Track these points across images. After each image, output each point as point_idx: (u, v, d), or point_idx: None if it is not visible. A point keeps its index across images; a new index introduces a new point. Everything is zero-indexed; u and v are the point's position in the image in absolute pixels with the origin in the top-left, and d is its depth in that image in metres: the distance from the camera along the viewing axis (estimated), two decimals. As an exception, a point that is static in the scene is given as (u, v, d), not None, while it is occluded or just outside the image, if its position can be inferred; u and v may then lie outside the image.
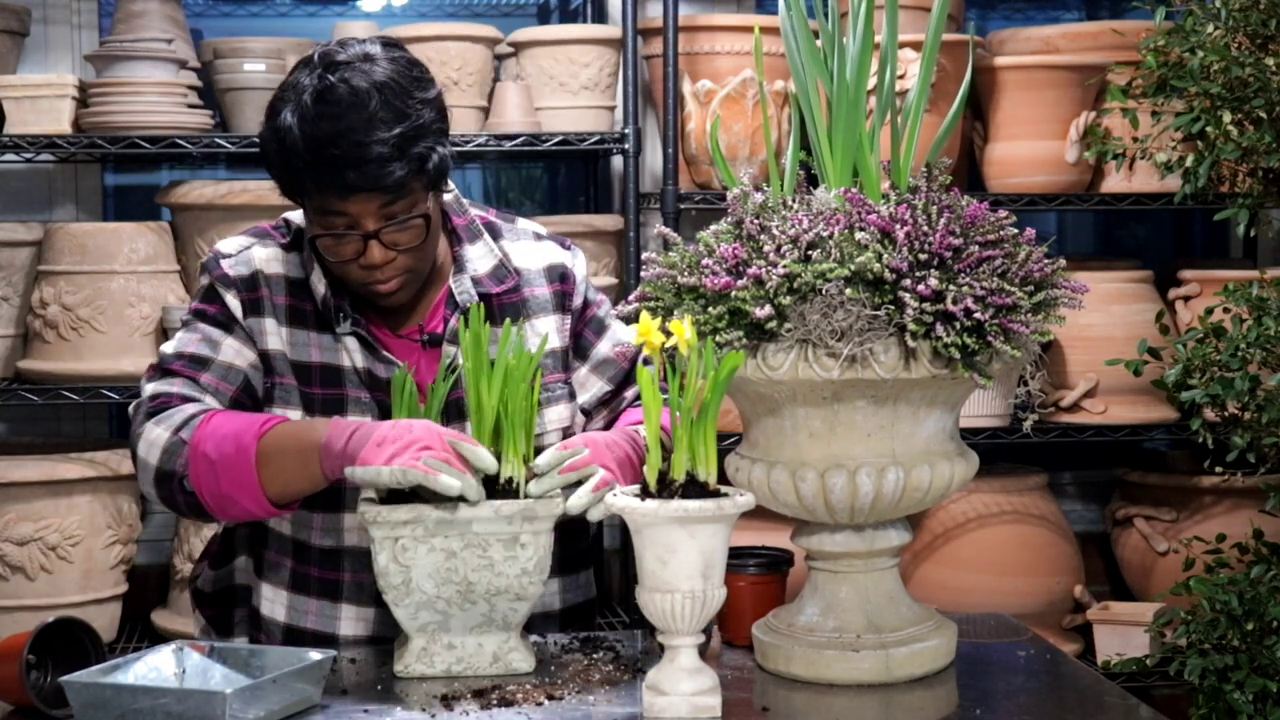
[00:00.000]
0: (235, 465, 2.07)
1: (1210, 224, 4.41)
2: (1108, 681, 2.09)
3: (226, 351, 2.22)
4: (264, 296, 2.24)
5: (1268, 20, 3.01)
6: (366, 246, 2.13)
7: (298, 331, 2.24)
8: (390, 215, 2.12)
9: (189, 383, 2.19)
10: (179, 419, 2.13)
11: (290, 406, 2.23)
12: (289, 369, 2.23)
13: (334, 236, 2.14)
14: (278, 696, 1.85)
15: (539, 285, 2.33)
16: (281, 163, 2.12)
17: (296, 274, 2.26)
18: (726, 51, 3.64)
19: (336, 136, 2.06)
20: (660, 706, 1.87)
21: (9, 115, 3.52)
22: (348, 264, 2.16)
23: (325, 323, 2.24)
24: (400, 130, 2.08)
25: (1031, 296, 1.92)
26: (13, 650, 1.92)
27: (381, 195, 2.10)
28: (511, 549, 2.00)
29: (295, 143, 2.08)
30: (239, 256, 2.27)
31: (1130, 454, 4.05)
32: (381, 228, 2.12)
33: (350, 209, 2.11)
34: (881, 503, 1.97)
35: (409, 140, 2.09)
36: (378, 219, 2.12)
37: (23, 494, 3.50)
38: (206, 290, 2.26)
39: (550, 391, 2.30)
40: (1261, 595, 2.97)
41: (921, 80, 2.05)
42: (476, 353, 2.03)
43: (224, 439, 2.08)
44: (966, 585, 3.57)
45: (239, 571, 2.38)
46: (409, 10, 4.30)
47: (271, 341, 2.24)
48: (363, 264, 2.14)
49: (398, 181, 2.08)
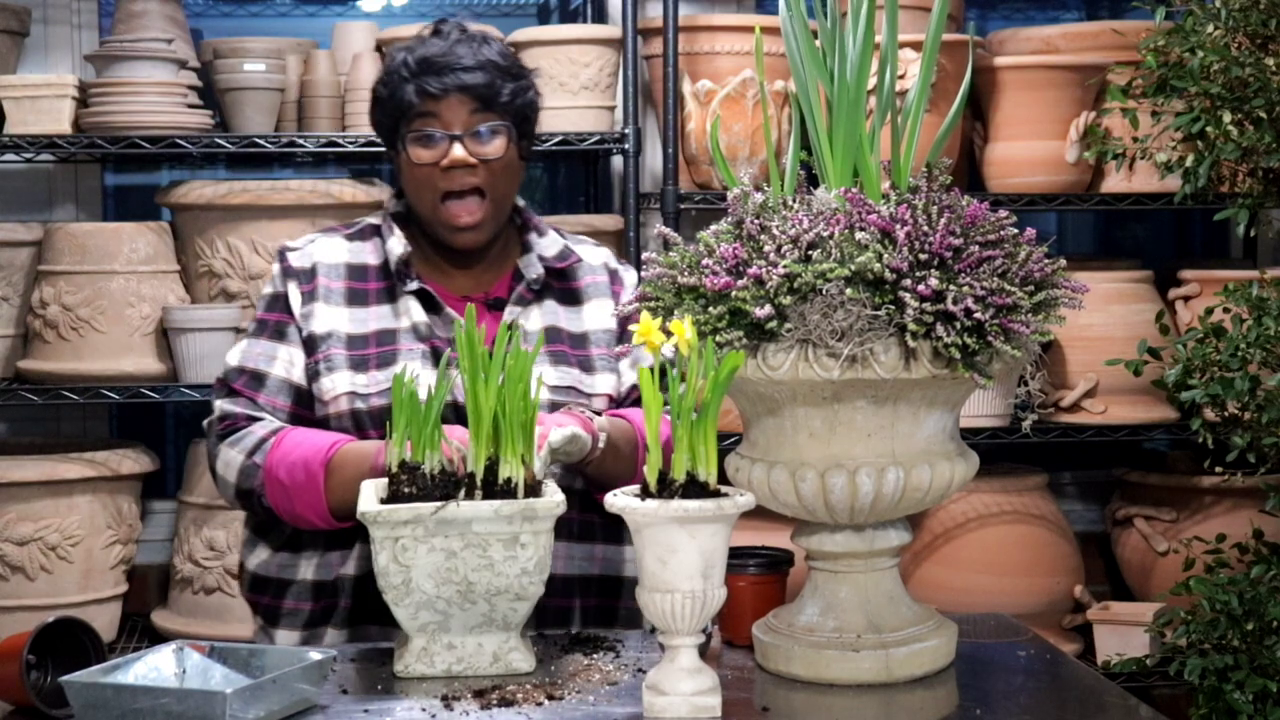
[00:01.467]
0: (306, 489, 2.26)
1: (1210, 224, 4.41)
2: (1108, 681, 2.09)
3: (280, 366, 2.39)
4: (321, 284, 2.42)
5: (1268, 20, 3.01)
6: (451, 147, 2.34)
7: (358, 310, 2.41)
8: (477, 124, 2.35)
9: (249, 403, 2.37)
10: (251, 442, 2.32)
11: (335, 370, 2.36)
12: (340, 342, 2.38)
13: (424, 138, 2.35)
14: (278, 696, 1.85)
15: (599, 275, 2.52)
16: (388, 89, 2.38)
17: (357, 260, 2.44)
18: (726, 51, 3.64)
19: (444, 51, 2.36)
20: (660, 706, 1.87)
21: (9, 115, 3.52)
22: (432, 170, 2.35)
23: (388, 295, 2.41)
24: (500, 60, 2.38)
25: (1031, 296, 1.92)
26: (13, 650, 1.92)
27: (471, 100, 2.35)
28: (511, 549, 2.00)
29: (403, 60, 2.37)
30: (302, 250, 2.46)
31: (1130, 454, 4.05)
32: (467, 132, 2.35)
33: (442, 111, 2.35)
34: (881, 503, 1.97)
35: (505, 71, 2.38)
36: (465, 123, 2.35)
37: (23, 494, 3.50)
38: (272, 285, 2.46)
39: (604, 361, 2.45)
40: (1261, 595, 2.97)
41: (921, 80, 2.05)
42: (472, 352, 2.03)
43: (295, 467, 2.27)
44: (966, 585, 3.57)
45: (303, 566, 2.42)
46: (409, 10, 4.30)
47: (321, 324, 2.39)
48: (445, 165, 2.35)
49: (488, 87, 2.34)
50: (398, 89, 2.36)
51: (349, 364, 2.37)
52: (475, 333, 2.04)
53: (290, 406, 2.38)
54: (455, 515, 1.98)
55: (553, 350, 2.41)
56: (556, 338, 2.43)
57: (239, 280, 3.59)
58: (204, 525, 3.61)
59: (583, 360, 2.43)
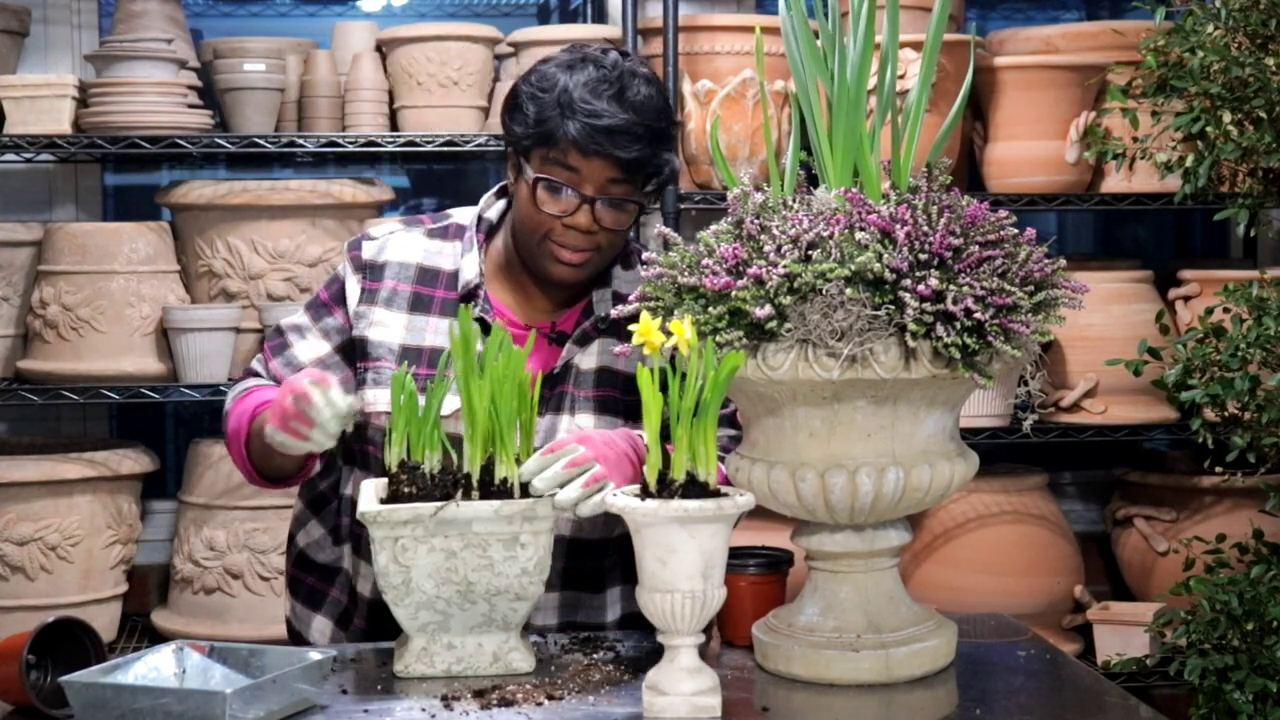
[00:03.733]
0: (236, 442, 2.28)
1: (1210, 224, 4.41)
2: (1108, 681, 2.09)
3: (306, 346, 2.37)
4: (385, 286, 2.36)
5: (1268, 20, 3.01)
6: (578, 209, 2.24)
7: (417, 317, 2.34)
8: (611, 192, 2.25)
9: (261, 361, 2.40)
10: (237, 390, 2.36)
11: (380, 386, 2.31)
12: (391, 354, 2.33)
13: (554, 188, 2.24)
14: (278, 696, 1.85)
15: None
16: (539, 110, 2.24)
17: (431, 264, 2.37)
18: (726, 51, 3.64)
19: (608, 102, 2.22)
20: (660, 706, 1.87)
21: (9, 115, 3.52)
22: (549, 218, 2.25)
23: (449, 310, 2.33)
24: (657, 125, 2.25)
25: (1031, 296, 1.92)
26: (13, 650, 1.92)
27: (616, 169, 2.23)
28: (511, 549, 2.00)
29: (568, 94, 2.22)
30: (379, 242, 2.39)
31: (1130, 454, 4.05)
32: (600, 197, 2.24)
33: (584, 169, 2.23)
34: (881, 503, 1.96)
35: (659, 138, 2.25)
36: (600, 189, 2.24)
37: (23, 494, 3.50)
38: (339, 270, 2.40)
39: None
40: (1261, 595, 2.97)
41: (922, 80, 2.05)
42: (466, 355, 2.02)
43: (236, 416, 2.29)
44: (966, 585, 3.57)
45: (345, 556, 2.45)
46: (409, 10, 4.30)
47: (376, 331, 2.34)
48: (566, 223, 2.25)
49: (636, 162, 2.23)
50: (548, 120, 2.23)
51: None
52: (470, 334, 2.03)
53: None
54: (455, 515, 1.98)
55: (601, 396, 2.31)
56: (610, 381, 2.32)
57: (239, 280, 3.59)
58: (204, 525, 3.61)
59: (633, 407, 2.28)
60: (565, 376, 2.31)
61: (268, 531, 3.56)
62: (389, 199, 3.75)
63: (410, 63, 3.65)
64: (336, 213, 3.60)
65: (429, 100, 3.65)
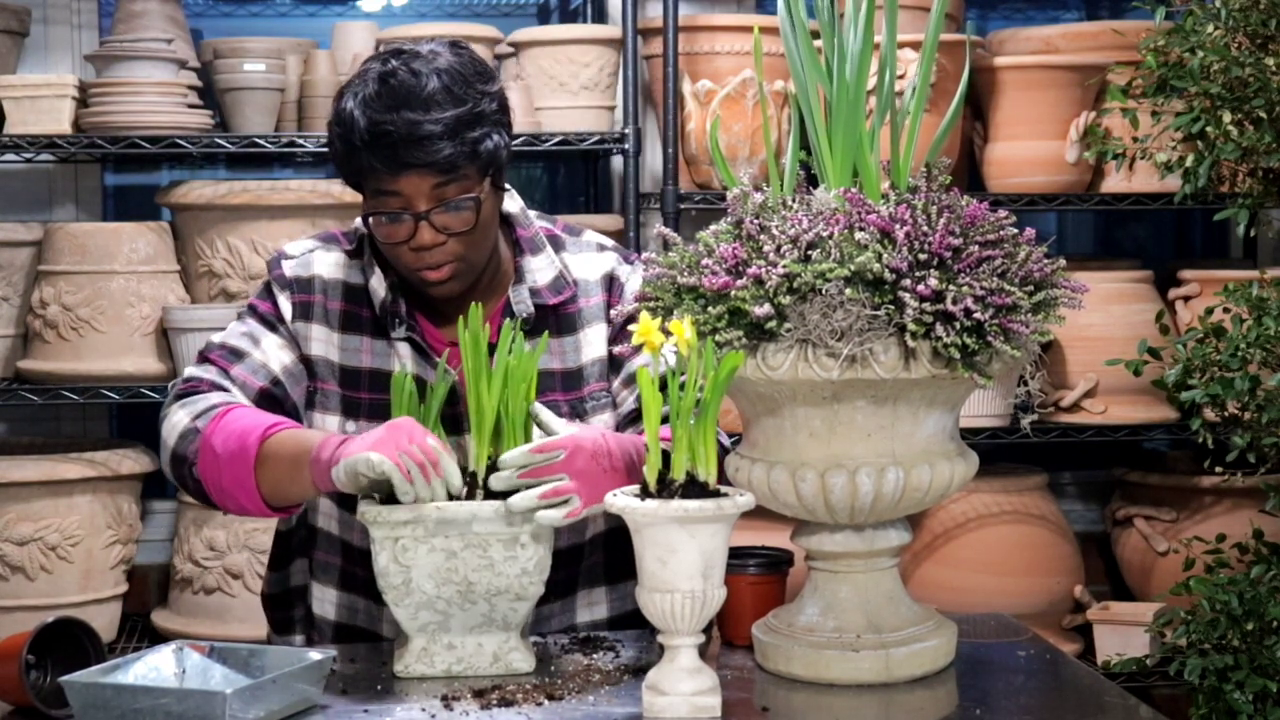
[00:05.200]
0: (237, 464, 2.11)
1: (1210, 224, 4.41)
2: (1108, 681, 2.09)
3: (265, 349, 2.27)
4: (316, 302, 2.29)
5: (1268, 20, 3.01)
6: (418, 228, 2.16)
7: (350, 337, 2.28)
8: (442, 198, 2.16)
9: (221, 372, 2.24)
10: (201, 406, 2.18)
11: (329, 412, 2.27)
12: (333, 374, 2.27)
13: (387, 216, 2.17)
14: (278, 696, 1.85)
15: (594, 294, 2.34)
16: (344, 146, 2.17)
17: (356, 280, 2.30)
18: (726, 51, 3.64)
19: (393, 114, 2.12)
20: (660, 706, 1.87)
21: (9, 115, 3.52)
22: (399, 247, 2.18)
23: (380, 328, 2.27)
24: (456, 113, 2.13)
25: (1031, 296, 1.92)
26: (13, 650, 1.92)
27: (433, 174, 2.13)
28: (511, 549, 2.00)
29: (355, 123, 2.14)
30: (300, 259, 2.32)
31: (1130, 454, 4.05)
32: (432, 209, 2.15)
33: (403, 188, 2.14)
34: (881, 503, 1.96)
35: (464, 124, 2.14)
36: (429, 200, 2.15)
37: (23, 494, 3.50)
38: (264, 287, 2.32)
39: (596, 400, 2.31)
40: (1261, 595, 2.97)
41: (921, 80, 2.05)
42: (475, 354, 2.03)
43: (231, 436, 2.12)
44: (966, 585, 3.57)
45: (295, 573, 2.41)
46: (409, 10, 4.30)
47: (317, 348, 2.28)
48: (413, 246, 2.17)
49: (449, 161, 2.13)
50: (352, 155, 2.15)
51: (341, 406, 2.26)
52: (480, 333, 2.04)
53: (264, 386, 2.24)
54: (455, 515, 1.98)
55: (544, 400, 2.20)
56: (548, 384, 2.27)
57: (239, 280, 3.59)
58: (204, 525, 3.61)
59: (576, 404, 2.29)
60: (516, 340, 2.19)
61: (268, 532, 3.55)
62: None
63: (410, 63, 3.65)
64: (336, 213, 3.60)
65: (429, 100, 3.64)
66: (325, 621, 2.35)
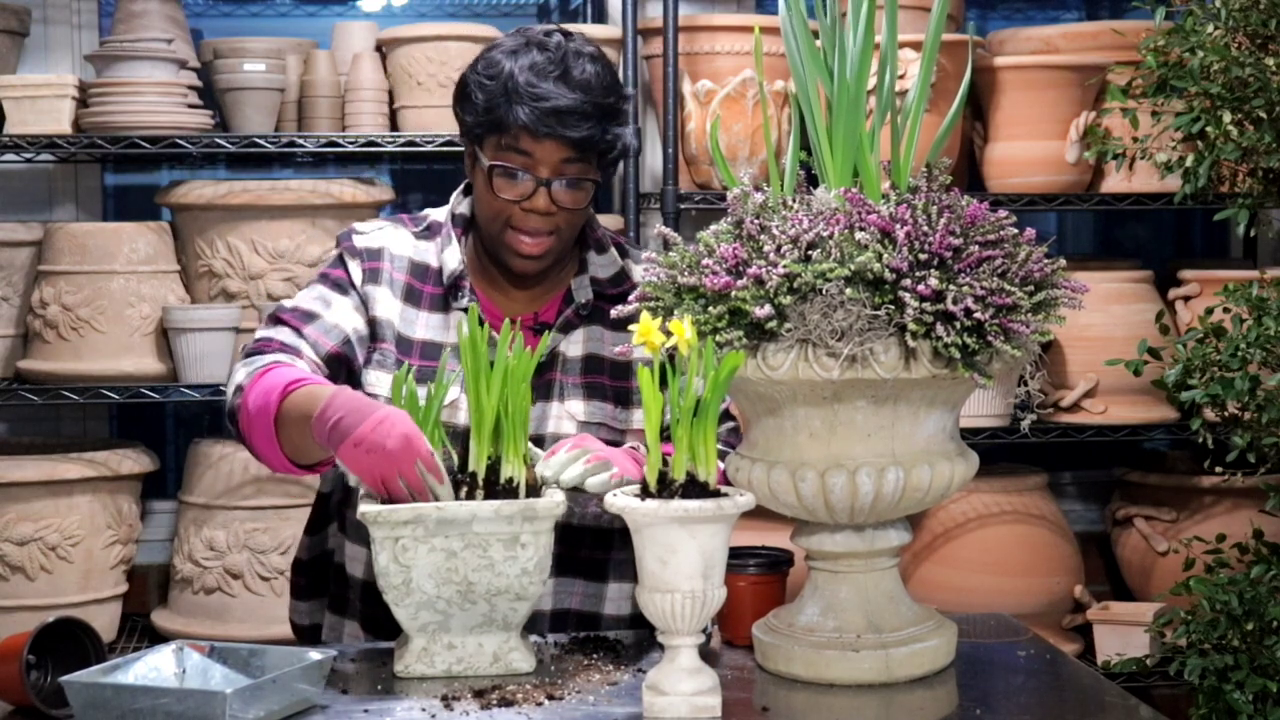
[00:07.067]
0: (263, 421, 2.14)
1: (1210, 224, 4.41)
2: (1108, 681, 2.09)
3: (336, 312, 2.31)
4: (384, 269, 2.35)
5: (1268, 20, 3.01)
6: (536, 192, 2.26)
7: (409, 309, 2.35)
8: (565, 172, 2.27)
9: (294, 333, 2.28)
10: (256, 365, 2.21)
11: (385, 369, 2.31)
12: (392, 336, 2.33)
13: (510, 173, 2.27)
14: (278, 696, 1.85)
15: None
16: (486, 97, 2.26)
17: (421, 259, 2.37)
18: (726, 51, 3.64)
19: (552, 83, 2.24)
20: (660, 706, 1.87)
21: (9, 115, 3.52)
22: (510, 205, 2.27)
23: (438, 305, 2.35)
24: (605, 102, 2.27)
25: (1031, 296, 1.92)
26: (13, 650, 1.92)
27: (567, 148, 2.25)
28: (512, 549, 2.00)
29: (513, 79, 2.25)
30: (370, 234, 2.39)
31: (1130, 454, 4.05)
32: (555, 178, 2.27)
33: (536, 151, 2.25)
34: (881, 503, 1.96)
35: (608, 114, 2.27)
36: (554, 170, 2.27)
37: (23, 494, 3.50)
38: (335, 257, 2.38)
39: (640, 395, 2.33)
40: (1261, 595, 2.97)
41: (921, 80, 2.05)
42: (474, 354, 2.03)
43: (260, 393, 2.15)
44: (966, 585, 3.57)
45: (331, 535, 2.46)
46: (409, 10, 4.30)
47: (381, 309, 2.33)
48: (525, 207, 2.27)
49: (587, 140, 2.25)
50: (497, 107, 2.25)
51: (396, 366, 2.29)
52: (478, 333, 2.04)
53: (335, 347, 2.28)
54: (456, 515, 1.98)
55: (589, 382, 2.34)
56: (597, 367, 2.35)
57: (239, 280, 3.59)
58: (204, 525, 3.61)
59: (620, 393, 2.35)
60: (552, 364, 2.33)
61: (268, 531, 3.56)
62: (389, 199, 3.75)
63: (410, 63, 3.65)
64: (336, 213, 3.60)
65: (429, 100, 3.65)
66: (355, 580, 2.38)
